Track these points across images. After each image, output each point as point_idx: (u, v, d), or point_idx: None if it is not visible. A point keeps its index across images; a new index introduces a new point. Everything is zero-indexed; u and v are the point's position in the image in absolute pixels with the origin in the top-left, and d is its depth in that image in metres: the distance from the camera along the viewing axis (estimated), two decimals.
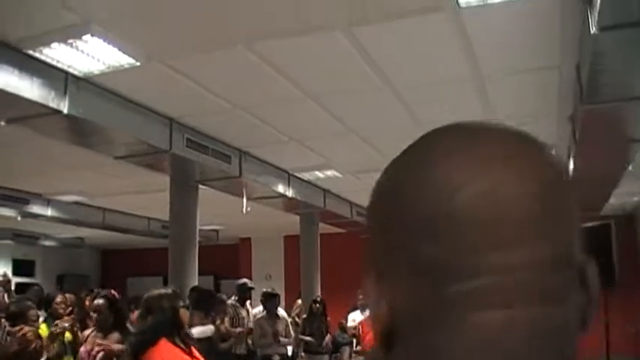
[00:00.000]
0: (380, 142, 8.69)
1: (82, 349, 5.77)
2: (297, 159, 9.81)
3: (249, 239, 20.41)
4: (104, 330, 5.75)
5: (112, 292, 6.11)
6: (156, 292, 4.72)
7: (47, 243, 19.31)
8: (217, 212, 13.08)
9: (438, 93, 6.79)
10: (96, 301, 6.08)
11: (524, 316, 0.62)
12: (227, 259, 20.10)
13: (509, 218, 0.62)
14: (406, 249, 0.66)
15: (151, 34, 5.38)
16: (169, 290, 4.80)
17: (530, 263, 0.62)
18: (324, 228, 14.46)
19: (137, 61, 5.71)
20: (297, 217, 13.64)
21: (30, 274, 19.57)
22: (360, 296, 11.77)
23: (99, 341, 5.49)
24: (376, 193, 0.73)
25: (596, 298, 0.67)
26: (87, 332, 6.15)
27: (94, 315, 5.97)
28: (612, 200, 13.18)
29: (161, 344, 4.26)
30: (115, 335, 5.63)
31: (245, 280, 10.83)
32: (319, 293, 13.38)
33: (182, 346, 4.43)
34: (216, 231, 18.45)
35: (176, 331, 4.49)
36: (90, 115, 6.43)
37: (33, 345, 5.41)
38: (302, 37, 5.32)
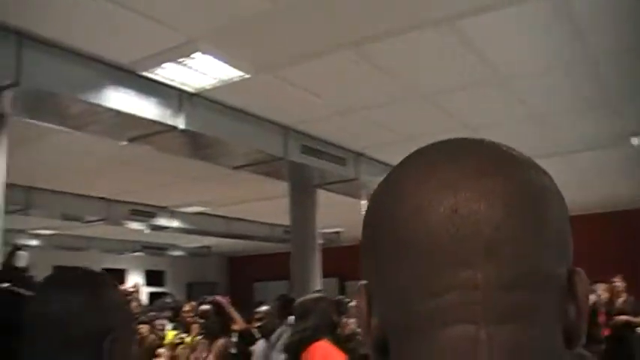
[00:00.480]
0: (495, 135, 8.44)
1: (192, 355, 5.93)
2: None
3: None
4: (211, 336, 5.86)
5: (218, 298, 6.22)
6: (310, 296, 4.82)
7: (176, 253, 20.00)
8: (337, 214, 13.13)
9: (549, 80, 6.54)
10: (202, 307, 6.20)
11: (487, 333, 0.62)
12: (352, 260, 20.11)
13: (472, 237, 0.63)
14: (383, 270, 0.68)
15: (257, 47, 5.43)
16: (322, 294, 4.91)
17: (495, 281, 0.63)
18: None
19: (247, 73, 5.78)
20: None
21: (160, 284, 20.30)
22: None
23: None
24: (364, 218, 0.74)
25: (584, 311, 0.67)
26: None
27: (200, 320, 6.11)
28: None
29: (322, 343, 4.36)
30: (221, 341, 5.72)
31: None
32: None
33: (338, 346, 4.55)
34: (338, 233, 18.55)
35: (334, 332, 4.60)
36: (205, 129, 6.60)
37: (148, 341, 5.57)
38: (407, 36, 5.23)
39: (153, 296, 16.48)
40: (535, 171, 0.70)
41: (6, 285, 2.07)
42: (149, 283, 19.53)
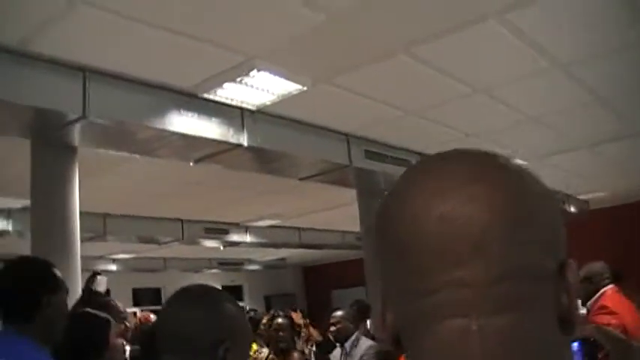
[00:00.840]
0: (559, 123, 8.41)
1: None
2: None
3: None
4: (284, 350, 5.87)
5: (292, 311, 6.26)
6: None
7: (251, 267, 20.29)
8: None
9: (610, 64, 6.46)
10: (278, 320, 6.27)
11: (479, 325, 0.70)
12: None
13: (460, 239, 0.72)
14: (389, 272, 0.79)
15: (313, 59, 5.53)
16: None
17: (484, 277, 0.71)
18: None
19: (304, 86, 5.89)
20: None
21: (239, 298, 20.57)
22: None
23: None
24: (374, 224, 0.83)
25: (573, 298, 0.75)
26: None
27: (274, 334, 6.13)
28: None
29: None
30: (295, 355, 5.75)
31: None
32: None
33: None
34: None
35: None
36: (268, 144, 6.74)
37: None
38: (457, 34, 5.26)
39: None
40: (521, 176, 0.78)
41: (87, 309, 2.21)
42: None
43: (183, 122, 5.86)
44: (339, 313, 7.02)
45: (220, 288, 2.03)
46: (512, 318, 0.71)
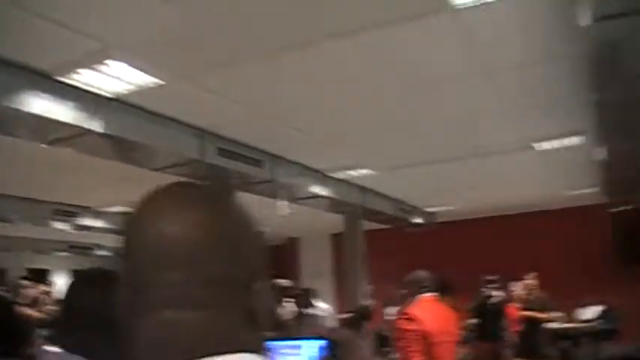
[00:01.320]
0: (409, 136, 8.99)
1: None
2: (330, 160, 10.12)
3: (297, 239, 20.78)
4: None
5: None
6: None
7: (102, 253, 19.95)
8: (260, 214, 13.43)
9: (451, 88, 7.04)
10: None
11: (181, 317, 0.96)
12: (277, 259, 20.50)
13: (176, 250, 0.98)
14: (129, 269, 1.03)
15: (171, 56, 5.71)
16: None
17: (189, 281, 0.97)
18: (369, 225, 14.82)
19: (162, 80, 6.08)
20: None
21: None
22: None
23: None
24: (125, 235, 1.06)
25: (260, 306, 1.03)
26: None
27: None
28: None
29: None
30: None
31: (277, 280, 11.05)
32: (366, 290, 13.73)
33: None
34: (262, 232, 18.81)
35: None
36: (122, 132, 6.85)
37: None
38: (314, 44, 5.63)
39: None
40: (227, 206, 1.09)
41: None
42: None
43: (39, 103, 5.88)
44: None
45: (69, 272, 2.30)
46: (208, 314, 0.97)
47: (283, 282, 10.77)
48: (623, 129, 7.92)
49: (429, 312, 4.43)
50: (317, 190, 10.86)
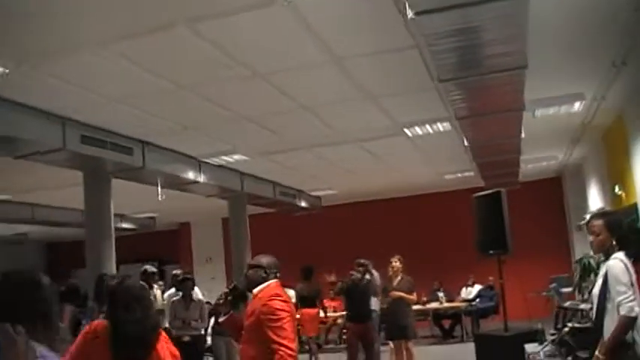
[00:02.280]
0: (272, 124, 9.12)
1: None
2: (201, 146, 10.15)
3: (188, 224, 20.75)
4: None
5: None
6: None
7: None
8: (144, 201, 13.40)
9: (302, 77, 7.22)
10: None
11: None
12: (168, 244, 20.50)
13: None
14: None
15: (12, 42, 5.64)
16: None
17: None
18: (254, 209, 14.95)
19: (5, 68, 6.01)
20: None
21: None
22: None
23: None
24: None
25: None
26: None
27: None
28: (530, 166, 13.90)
29: None
30: None
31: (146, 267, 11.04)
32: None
33: None
34: (153, 218, 18.74)
35: None
36: None
37: None
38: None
39: None
40: None
41: None
42: None
43: None
44: None
45: None
46: None
47: (150, 268, 10.70)
48: (483, 114, 8.31)
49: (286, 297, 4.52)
50: (193, 176, 10.89)
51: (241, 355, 4.41)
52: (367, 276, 9.49)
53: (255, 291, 4.38)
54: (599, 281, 4.29)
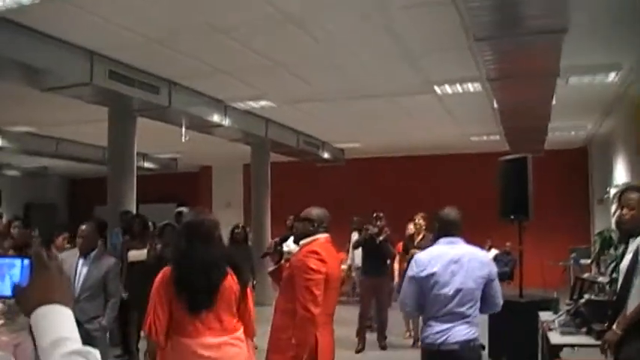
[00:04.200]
0: (304, 73, 9.02)
1: None
2: (229, 90, 10.07)
3: (210, 167, 20.77)
4: None
5: None
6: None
7: (11, 173, 19.66)
8: (168, 141, 13.42)
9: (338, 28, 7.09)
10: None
11: None
12: (189, 186, 20.58)
13: None
14: None
15: None
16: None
17: None
18: (277, 157, 14.93)
19: None
20: None
21: None
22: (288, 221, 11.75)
23: None
24: None
25: None
26: None
27: None
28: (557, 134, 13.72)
29: None
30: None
31: (181, 209, 11.12)
32: (268, 220, 13.99)
33: None
34: (175, 159, 18.78)
35: None
36: (6, 51, 6.72)
37: None
38: None
39: None
40: None
41: None
42: None
43: None
44: (84, 226, 7.06)
45: None
46: None
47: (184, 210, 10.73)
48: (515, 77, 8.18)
49: (330, 255, 4.35)
50: (218, 119, 10.84)
51: (275, 305, 4.36)
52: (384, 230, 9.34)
53: (301, 243, 4.31)
54: (629, 256, 4.17)
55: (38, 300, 1.30)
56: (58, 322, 1.29)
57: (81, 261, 5.53)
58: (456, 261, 4.19)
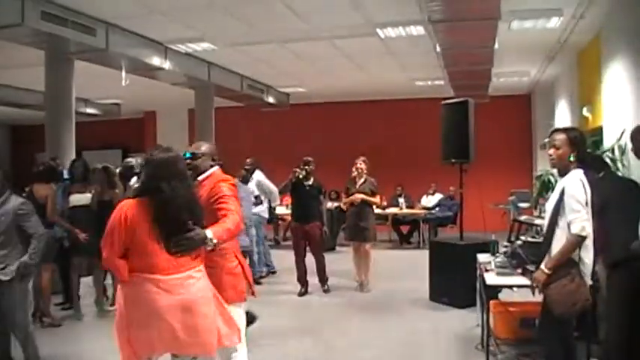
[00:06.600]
0: (243, 13, 8.85)
1: None
2: (168, 31, 9.84)
3: (154, 113, 20.42)
4: None
5: None
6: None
7: None
8: (109, 86, 13.11)
9: None
10: None
11: None
12: (133, 132, 20.28)
13: None
14: None
15: None
16: None
17: None
18: (221, 102, 14.75)
19: None
20: None
21: None
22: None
23: None
24: None
25: None
26: None
27: None
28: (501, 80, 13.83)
29: None
30: None
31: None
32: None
33: None
34: (118, 105, 18.37)
35: None
36: None
37: None
38: None
39: None
40: None
41: None
42: None
43: None
44: None
45: None
46: None
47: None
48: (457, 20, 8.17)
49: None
50: (158, 62, 10.61)
51: None
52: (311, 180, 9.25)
53: (200, 178, 4.29)
54: (555, 196, 4.26)
55: None
56: None
57: None
58: None
